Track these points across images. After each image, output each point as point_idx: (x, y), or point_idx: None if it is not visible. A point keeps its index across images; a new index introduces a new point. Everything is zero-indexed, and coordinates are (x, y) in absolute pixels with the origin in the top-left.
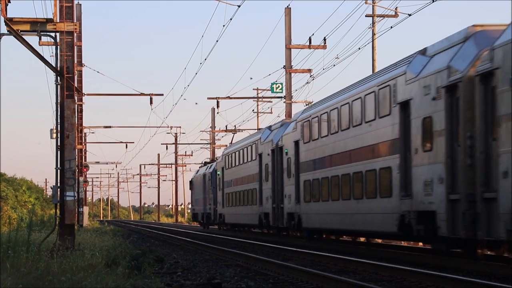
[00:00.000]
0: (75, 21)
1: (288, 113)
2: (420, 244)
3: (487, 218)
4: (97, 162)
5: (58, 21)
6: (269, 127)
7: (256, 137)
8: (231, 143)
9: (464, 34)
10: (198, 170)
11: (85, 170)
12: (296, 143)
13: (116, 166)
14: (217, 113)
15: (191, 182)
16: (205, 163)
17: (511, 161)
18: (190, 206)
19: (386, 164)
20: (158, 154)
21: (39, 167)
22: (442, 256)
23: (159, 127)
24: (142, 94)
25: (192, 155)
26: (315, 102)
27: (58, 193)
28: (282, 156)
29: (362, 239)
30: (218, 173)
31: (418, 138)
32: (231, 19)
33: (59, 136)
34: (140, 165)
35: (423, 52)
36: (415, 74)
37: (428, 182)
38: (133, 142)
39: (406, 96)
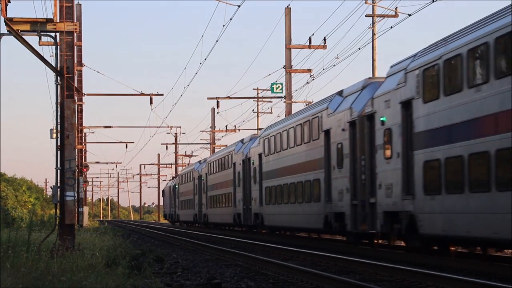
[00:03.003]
0: (75, 21)
1: (288, 113)
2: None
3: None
4: (97, 162)
5: (58, 21)
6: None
7: (193, 167)
8: (189, 163)
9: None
10: (168, 182)
11: (85, 170)
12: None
13: (116, 166)
14: (217, 113)
15: (163, 191)
16: (173, 178)
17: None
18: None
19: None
20: (158, 154)
21: (39, 167)
22: (443, 256)
23: (159, 127)
24: (142, 94)
25: (192, 155)
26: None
27: (58, 193)
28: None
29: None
30: (176, 186)
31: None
32: (231, 19)
33: (59, 136)
34: (140, 165)
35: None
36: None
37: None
38: (133, 142)
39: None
